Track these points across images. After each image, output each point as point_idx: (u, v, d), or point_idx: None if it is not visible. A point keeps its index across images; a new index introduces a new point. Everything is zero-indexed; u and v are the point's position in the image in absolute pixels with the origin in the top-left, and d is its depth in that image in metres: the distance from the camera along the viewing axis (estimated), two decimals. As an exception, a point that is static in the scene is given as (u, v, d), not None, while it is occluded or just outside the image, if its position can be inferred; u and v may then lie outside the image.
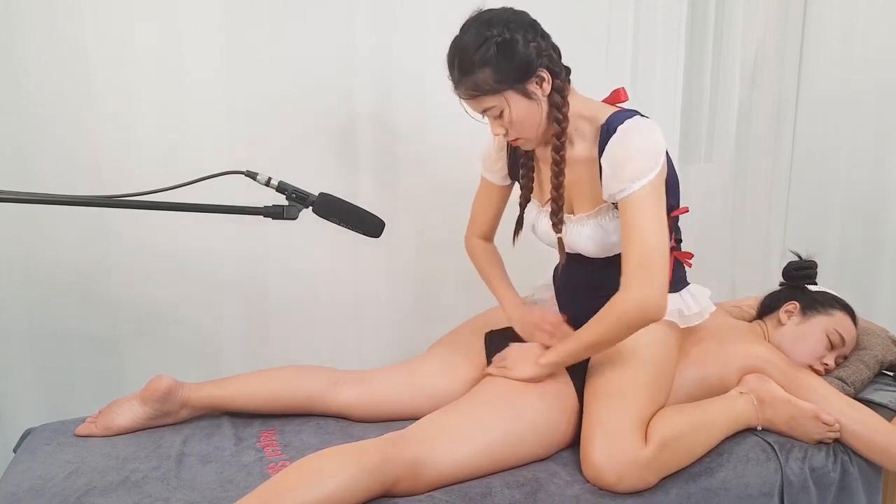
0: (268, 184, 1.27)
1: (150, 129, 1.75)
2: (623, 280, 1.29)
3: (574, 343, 1.36)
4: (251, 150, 1.79)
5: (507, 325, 1.56)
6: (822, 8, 2.38)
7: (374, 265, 2.03)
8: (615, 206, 1.36)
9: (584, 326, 1.36)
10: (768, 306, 1.71)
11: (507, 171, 1.55)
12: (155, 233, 1.80)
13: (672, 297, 1.47)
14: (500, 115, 1.32)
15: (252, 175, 1.26)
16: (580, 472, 1.30)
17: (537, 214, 1.50)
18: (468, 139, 1.96)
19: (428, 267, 2.08)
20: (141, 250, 1.81)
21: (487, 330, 1.59)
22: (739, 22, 2.33)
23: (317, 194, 1.30)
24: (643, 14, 2.19)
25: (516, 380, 1.39)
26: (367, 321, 2.06)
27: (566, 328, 1.44)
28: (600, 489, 1.26)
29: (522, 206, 1.53)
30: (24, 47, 1.62)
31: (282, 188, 1.27)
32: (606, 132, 1.32)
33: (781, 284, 1.74)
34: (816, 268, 1.72)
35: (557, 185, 1.38)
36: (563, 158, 1.36)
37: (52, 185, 1.63)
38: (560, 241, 1.46)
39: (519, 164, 1.50)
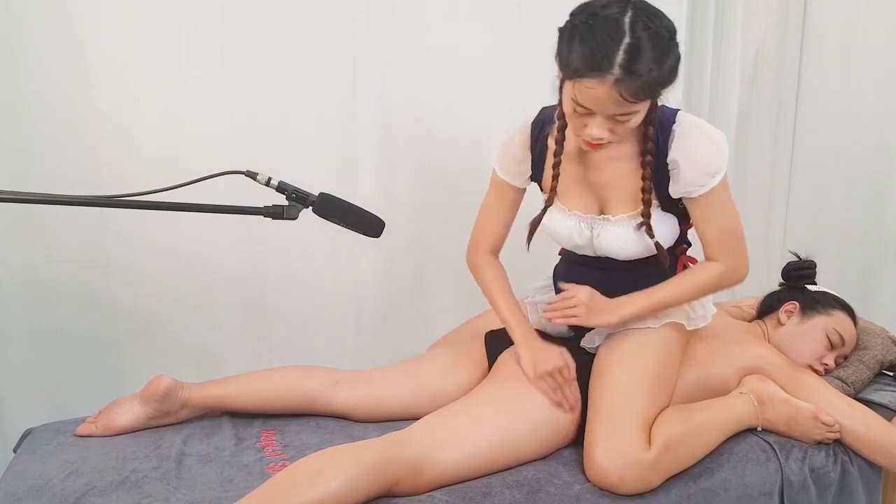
0: (268, 184, 1.27)
1: (150, 129, 1.75)
2: (713, 255, 1.38)
3: (654, 298, 1.39)
4: (251, 150, 1.79)
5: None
6: (822, 8, 2.37)
7: (374, 265, 2.03)
8: (661, 205, 1.36)
9: (660, 286, 1.40)
10: (768, 306, 1.70)
11: (530, 172, 1.46)
12: (155, 233, 1.80)
13: None
14: (624, 121, 1.21)
15: (252, 175, 1.26)
16: (581, 471, 1.30)
17: (559, 217, 1.45)
18: (468, 139, 1.97)
19: (427, 267, 2.08)
20: (141, 250, 1.81)
21: (488, 330, 1.59)
22: (739, 22, 2.32)
23: (317, 194, 1.30)
24: (643, 14, 2.18)
25: (594, 326, 1.41)
26: (367, 321, 2.06)
27: (575, 385, 1.39)
28: (602, 490, 1.26)
29: (546, 208, 1.45)
30: (24, 47, 1.62)
31: (282, 188, 1.27)
32: (662, 128, 1.30)
33: (781, 285, 1.74)
34: (815, 268, 1.72)
35: (648, 188, 1.33)
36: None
37: (52, 185, 1.63)
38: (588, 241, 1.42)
39: (542, 162, 1.43)
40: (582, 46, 1.13)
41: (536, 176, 1.47)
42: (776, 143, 2.49)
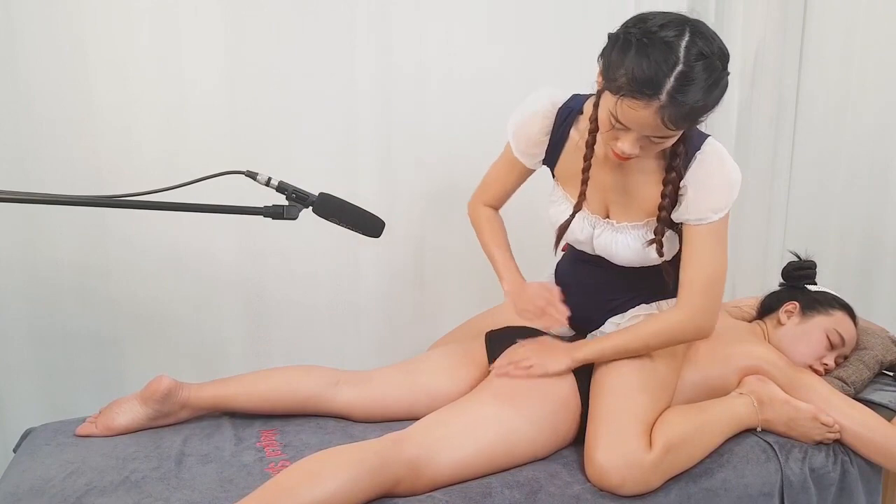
0: (268, 184, 1.27)
1: (150, 129, 1.75)
2: (682, 300, 1.32)
3: (610, 343, 1.38)
4: (251, 150, 1.79)
5: (506, 324, 1.56)
6: (822, 8, 2.37)
7: (374, 265, 2.03)
8: (668, 225, 1.34)
9: (625, 329, 1.38)
10: (768, 306, 1.70)
11: (543, 157, 1.46)
12: (155, 233, 1.80)
13: None
14: (658, 143, 1.21)
15: (252, 175, 1.26)
16: (581, 471, 1.31)
17: (566, 210, 1.45)
18: (468, 139, 1.97)
19: (428, 267, 2.08)
20: (141, 250, 1.80)
21: (488, 330, 1.59)
22: (739, 21, 2.32)
23: (317, 194, 1.30)
24: (643, 14, 2.18)
25: (551, 374, 1.37)
26: (367, 321, 2.06)
27: (561, 307, 1.39)
28: (602, 490, 1.26)
29: (574, 214, 1.43)
30: (24, 47, 1.62)
31: (282, 188, 1.27)
32: (687, 151, 1.28)
33: (781, 285, 1.74)
34: (815, 268, 1.72)
35: (666, 206, 1.32)
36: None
37: (52, 185, 1.63)
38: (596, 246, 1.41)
39: (559, 149, 1.43)
40: (632, 65, 1.11)
41: (550, 161, 1.46)
42: (776, 143, 2.49)
